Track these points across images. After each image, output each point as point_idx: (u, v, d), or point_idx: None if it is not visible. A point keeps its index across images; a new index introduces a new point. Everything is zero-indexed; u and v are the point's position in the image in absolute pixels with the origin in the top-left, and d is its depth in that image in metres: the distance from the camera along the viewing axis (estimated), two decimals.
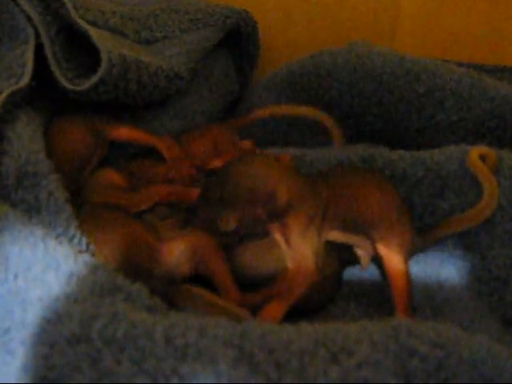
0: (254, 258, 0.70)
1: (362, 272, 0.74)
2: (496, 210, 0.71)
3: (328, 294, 0.71)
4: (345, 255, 0.73)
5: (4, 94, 0.68)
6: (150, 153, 0.82)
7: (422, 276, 0.73)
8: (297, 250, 0.65)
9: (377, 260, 0.72)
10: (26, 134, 0.68)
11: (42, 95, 0.77)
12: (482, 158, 0.73)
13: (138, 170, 0.78)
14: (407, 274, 0.69)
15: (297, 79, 0.96)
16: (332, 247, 0.71)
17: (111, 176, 0.76)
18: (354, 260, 0.73)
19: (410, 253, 0.70)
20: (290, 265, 0.66)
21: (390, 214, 0.69)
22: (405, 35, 1.10)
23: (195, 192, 0.72)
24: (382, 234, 0.69)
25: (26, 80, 0.71)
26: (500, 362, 0.50)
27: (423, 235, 0.71)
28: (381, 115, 0.92)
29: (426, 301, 0.71)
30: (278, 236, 0.67)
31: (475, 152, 0.73)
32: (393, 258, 0.69)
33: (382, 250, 0.69)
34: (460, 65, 0.94)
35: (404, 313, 0.67)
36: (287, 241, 0.66)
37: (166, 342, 0.48)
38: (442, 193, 0.74)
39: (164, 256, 0.67)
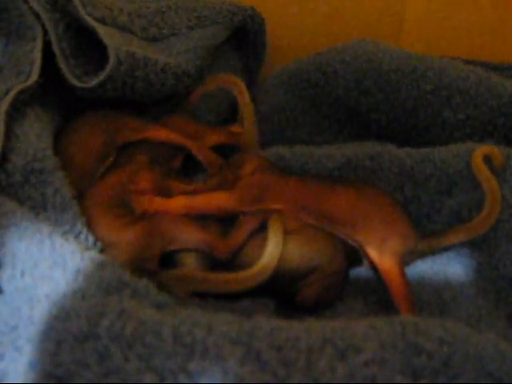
0: (253, 250, 0.70)
1: (369, 270, 0.74)
2: (503, 208, 0.71)
3: (335, 290, 0.71)
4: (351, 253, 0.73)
5: (13, 92, 0.68)
6: None
7: (428, 273, 0.73)
8: None
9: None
10: (33, 132, 0.68)
11: (51, 92, 0.77)
12: (488, 157, 0.73)
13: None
14: (401, 277, 0.69)
15: (303, 77, 0.96)
16: (338, 243, 0.71)
17: None
18: (360, 258, 0.73)
19: (407, 257, 0.71)
20: None
21: (376, 220, 0.70)
22: (410, 33, 1.10)
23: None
24: (369, 239, 0.70)
25: (34, 77, 0.71)
26: (506, 359, 0.50)
27: (429, 240, 0.71)
28: (387, 113, 0.92)
29: (433, 298, 0.71)
30: None
31: (479, 154, 0.73)
32: (383, 263, 0.69)
33: (373, 254, 0.70)
34: (467, 62, 0.94)
35: (407, 313, 0.67)
36: None
37: (174, 340, 0.49)
38: (449, 190, 0.74)
39: None
